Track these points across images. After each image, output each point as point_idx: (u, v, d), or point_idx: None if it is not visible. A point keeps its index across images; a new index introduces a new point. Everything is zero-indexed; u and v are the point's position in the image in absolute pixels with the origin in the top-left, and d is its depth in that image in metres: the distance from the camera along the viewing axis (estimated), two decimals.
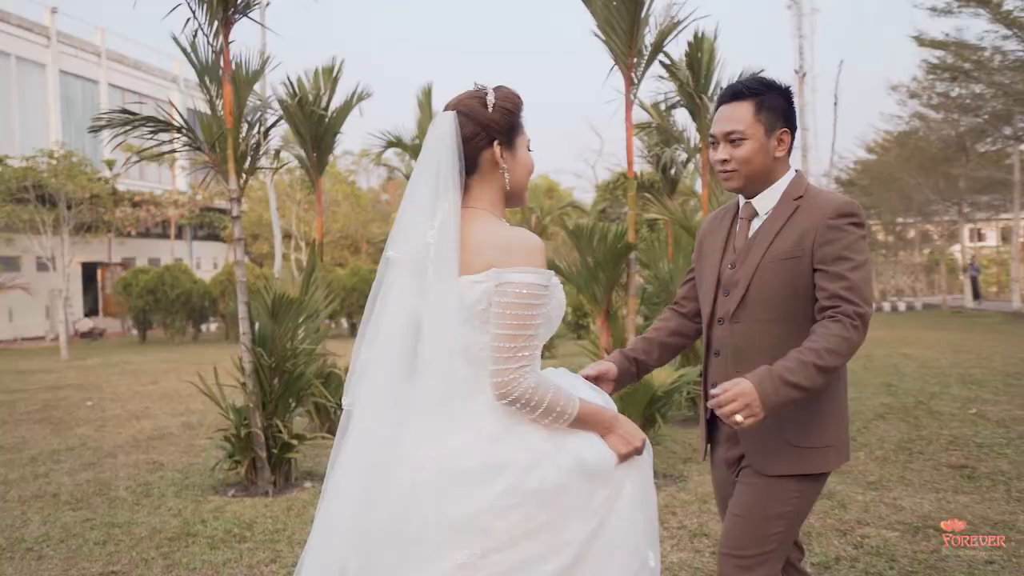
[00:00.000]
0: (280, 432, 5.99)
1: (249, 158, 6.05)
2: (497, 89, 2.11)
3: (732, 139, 2.42)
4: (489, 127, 2.06)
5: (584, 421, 2.04)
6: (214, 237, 31.10)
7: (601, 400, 2.21)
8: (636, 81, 5.86)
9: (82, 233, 21.82)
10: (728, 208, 2.62)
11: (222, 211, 30.11)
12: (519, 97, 2.15)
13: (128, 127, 5.78)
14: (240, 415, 6.06)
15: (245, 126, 6.07)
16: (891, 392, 9.68)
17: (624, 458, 2.07)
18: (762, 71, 7.82)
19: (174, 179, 31.64)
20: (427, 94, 9.43)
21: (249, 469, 6.03)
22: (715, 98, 7.63)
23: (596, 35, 5.76)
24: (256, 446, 5.93)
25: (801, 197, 2.42)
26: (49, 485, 6.36)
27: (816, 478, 2.43)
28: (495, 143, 2.07)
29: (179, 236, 31.32)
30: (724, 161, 2.43)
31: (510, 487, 1.93)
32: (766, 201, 2.47)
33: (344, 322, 24.53)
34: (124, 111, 5.74)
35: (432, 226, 2.01)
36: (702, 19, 6.10)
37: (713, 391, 2.16)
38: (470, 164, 2.06)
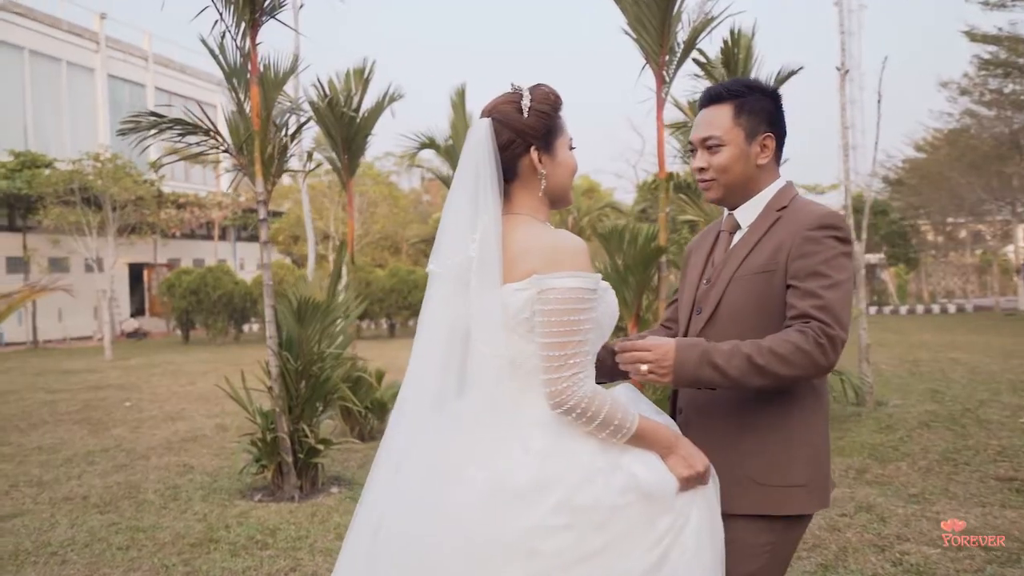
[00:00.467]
0: (306, 437, 5.94)
1: (276, 161, 6.01)
2: (534, 89, 2.03)
3: (709, 145, 2.22)
4: (525, 133, 2.00)
5: (643, 438, 1.93)
6: (257, 238, 31.47)
7: (662, 420, 2.09)
8: (668, 79, 5.70)
9: (127, 235, 22.16)
10: (718, 222, 2.43)
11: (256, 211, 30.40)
12: (557, 96, 2.06)
13: (156, 130, 5.77)
14: (267, 419, 6.02)
15: (273, 128, 6.03)
16: (937, 399, 9.36)
17: (686, 482, 1.94)
18: (800, 68, 7.56)
19: (218, 181, 32.05)
20: (460, 95, 9.34)
21: (275, 474, 5.99)
22: None
23: (627, 33, 5.62)
24: (282, 451, 5.89)
25: (784, 208, 2.20)
26: (81, 487, 6.39)
27: (789, 524, 2.11)
28: (532, 149, 2.01)
29: (223, 237, 31.70)
30: (702, 170, 2.24)
31: (559, 504, 1.83)
32: (748, 213, 2.26)
33: (384, 323, 24.62)
34: (153, 114, 5.73)
35: (473, 238, 1.95)
36: (738, 15, 5.90)
37: (628, 340, 2.04)
38: (509, 171, 2.01)
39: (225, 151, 5.99)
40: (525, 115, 2.00)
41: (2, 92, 25.55)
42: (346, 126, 7.67)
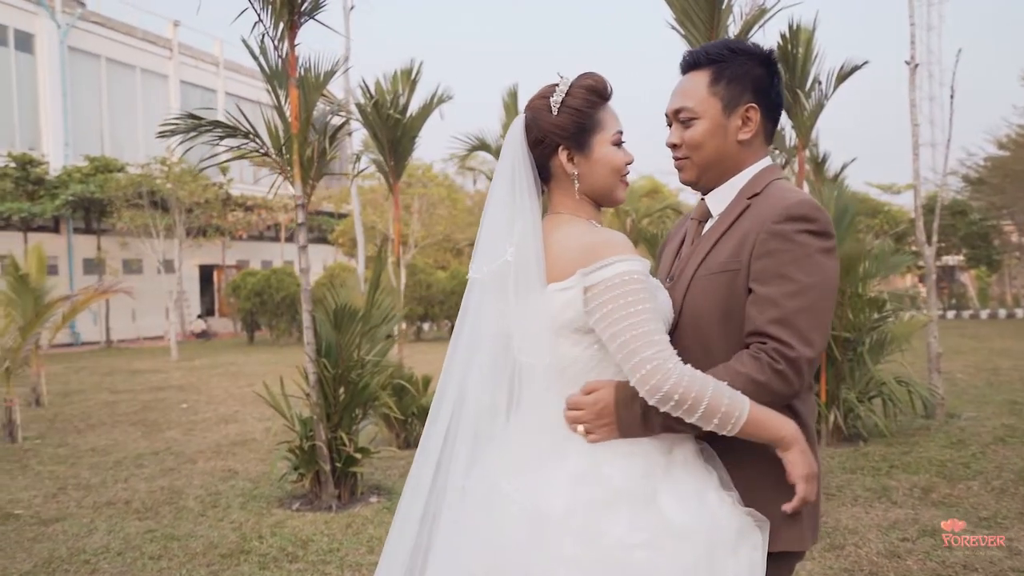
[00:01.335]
0: (344, 445, 5.82)
1: (316, 164, 5.91)
2: (575, 81, 1.88)
3: (682, 119, 1.92)
4: (552, 133, 1.86)
5: (757, 425, 1.69)
6: (322, 240, 31.84)
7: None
8: None
9: (195, 237, 22.61)
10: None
11: (329, 214, 30.80)
12: (598, 88, 1.87)
13: (195, 132, 5.73)
14: (306, 426, 5.93)
15: (313, 131, 5.94)
16: (1016, 411, 8.80)
17: (805, 482, 1.71)
18: (865, 63, 7.17)
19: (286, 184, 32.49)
20: (512, 96, 9.17)
21: (313, 482, 5.89)
22: (812, 94, 7.11)
23: (673, 28, 5.36)
24: (320, 459, 5.78)
25: (756, 195, 1.87)
26: (125, 491, 6.40)
27: (774, 563, 1.79)
28: (559, 149, 1.86)
29: (290, 239, 32.18)
30: (674, 146, 1.94)
31: (585, 538, 1.66)
32: (721, 199, 1.94)
33: (445, 325, 24.60)
34: (191, 116, 5.69)
35: (511, 242, 1.83)
36: (795, 7, 5.59)
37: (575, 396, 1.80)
38: (544, 170, 1.91)
39: (264, 154, 5.92)
40: (554, 113, 1.86)
41: (80, 99, 26.38)
42: (392, 128, 7.55)
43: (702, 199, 2.00)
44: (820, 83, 7.05)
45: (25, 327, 8.82)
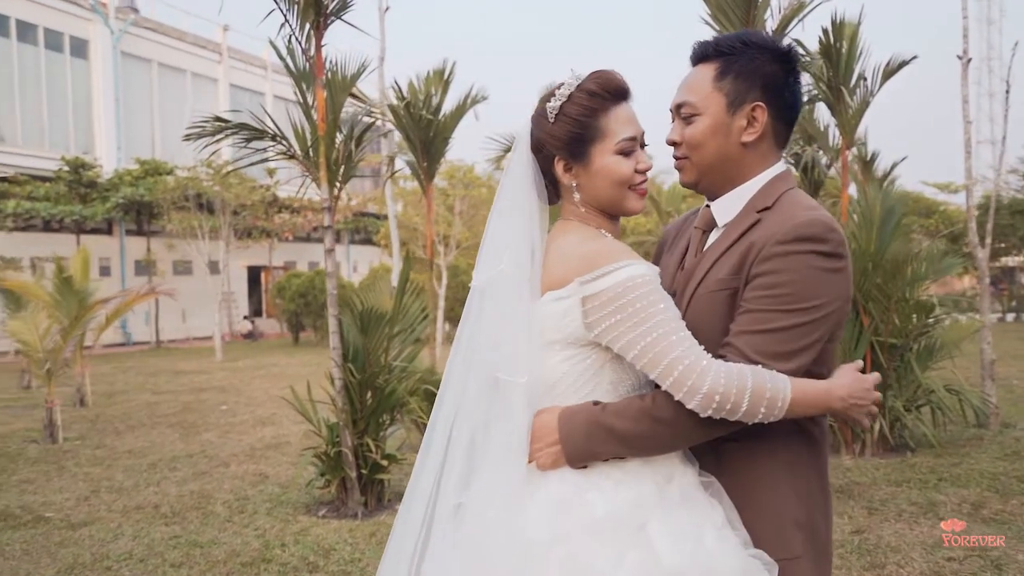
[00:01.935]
0: (370, 452, 5.73)
1: (343, 166, 5.84)
2: (582, 84, 1.72)
3: (683, 114, 1.76)
4: (547, 142, 1.74)
5: (802, 401, 1.57)
6: (368, 241, 32.05)
7: None
8: None
9: (242, 239, 22.85)
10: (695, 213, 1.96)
11: (375, 216, 30.92)
12: (605, 90, 1.71)
13: (223, 135, 5.69)
14: (332, 432, 5.85)
15: (340, 133, 5.86)
16: None
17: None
18: (914, 58, 6.87)
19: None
20: None
21: (339, 489, 5.81)
22: (857, 91, 6.84)
23: (707, 23, 5.16)
24: (345, 465, 5.70)
25: (767, 209, 1.70)
26: (156, 495, 6.40)
27: None
28: (555, 159, 1.76)
29: (337, 240, 32.44)
30: (674, 144, 1.78)
31: (568, 570, 1.55)
32: (727, 208, 1.76)
33: None
34: (218, 118, 5.65)
35: (508, 250, 1.72)
36: (837, 1, 5.38)
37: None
38: (547, 175, 1.80)
39: (292, 156, 5.86)
40: (550, 120, 1.73)
41: (132, 103, 26.86)
42: (424, 129, 7.46)
43: (706, 206, 1.84)
44: (865, 80, 6.78)
45: (66, 329, 8.90)
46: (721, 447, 1.63)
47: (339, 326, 5.69)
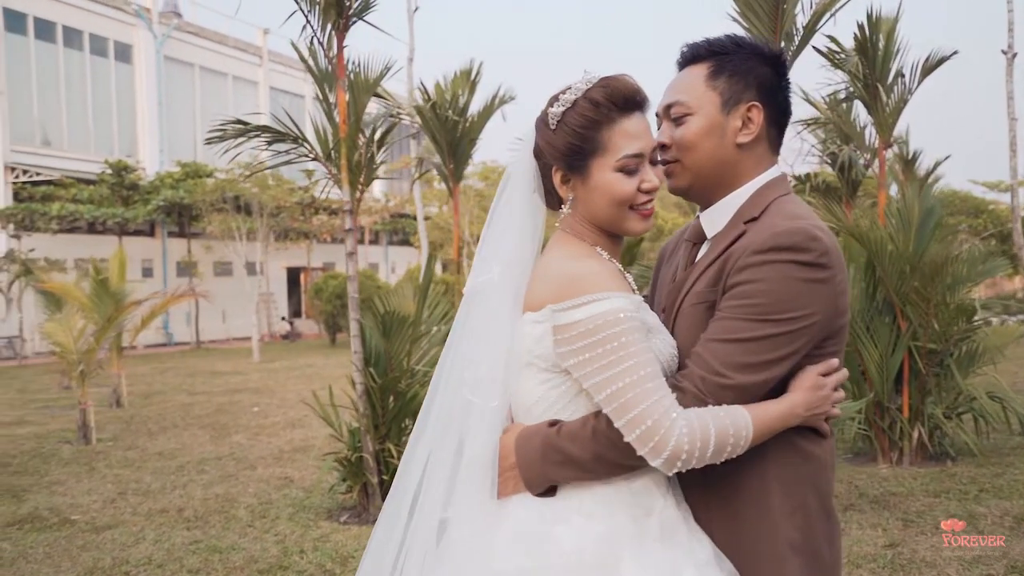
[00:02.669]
0: (392, 457, 5.67)
1: (365, 168, 5.78)
2: (588, 89, 1.58)
3: (673, 115, 1.67)
4: (545, 150, 1.63)
5: (767, 430, 1.50)
6: (406, 242, 32.19)
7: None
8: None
9: (280, 240, 23.06)
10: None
11: (412, 217, 31.02)
12: (611, 99, 1.57)
13: (244, 137, 5.67)
14: (354, 437, 5.80)
15: (363, 135, 5.81)
16: None
17: (821, 403, 1.56)
18: (955, 53, 6.64)
19: (370, 188, 32.96)
20: None
21: (361, 495, 5.76)
22: (895, 88, 6.62)
23: (734, 19, 5.01)
24: (367, 471, 5.64)
25: (755, 219, 1.60)
26: (181, 498, 6.40)
27: None
28: (553, 169, 1.64)
29: (375, 242, 32.56)
30: (663, 147, 1.67)
31: None
32: (716, 219, 1.67)
33: None
34: (239, 121, 5.63)
35: (499, 260, 1.63)
36: None
37: None
38: (546, 183, 1.69)
39: (314, 158, 5.82)
40: (551, 127, 1.61)
41: (175, 107, 27.26)
42: (450, 130, 7.38)
43: (697, 217, 1.74)
44: (903, 76, 6.56)
45: (99, 331, 8.99)
46: (706, 469, 1.52)
47: (360, 329, 5.63)
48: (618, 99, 1.58)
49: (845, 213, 7.17)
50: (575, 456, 1.49)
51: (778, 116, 1.69)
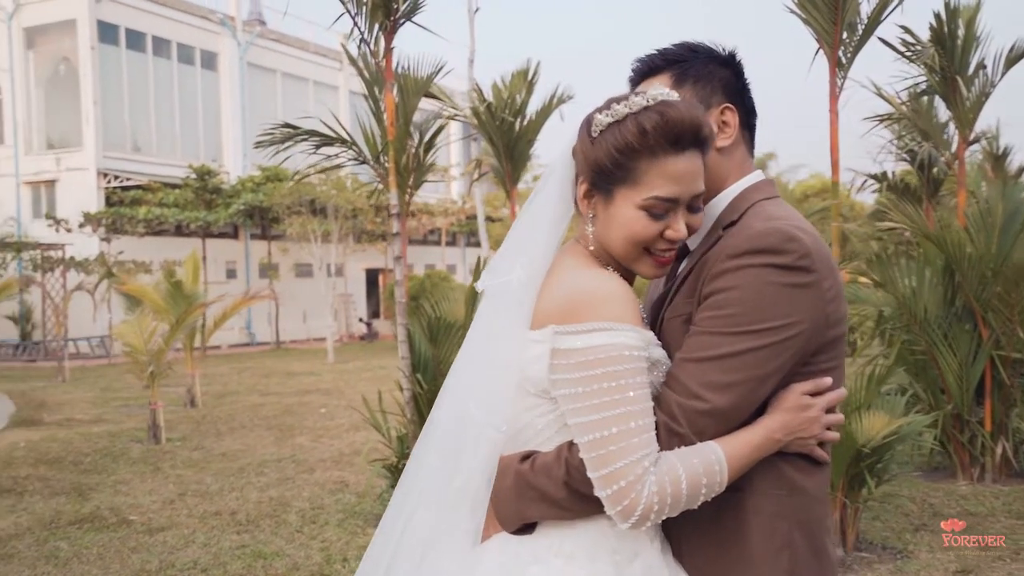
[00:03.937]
0: None
1: (414, 171, 5.71)
2: (641, 110, 1.40)
3: None
4: (577, 157, 1.49)
5: (745, 462, 1.37)
6: (479, 245, 32.28)
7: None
8: (844, 63, 4.75)
9: (358, 242, 23.37)
10: None
11: (490, 219, 31.05)
12: (659, 131, 1.39)
13: (292, 141, 5.66)
14: (402, 443, 5.73)
15: (410, 138, 5.75)
16: None
17: (809, 433, 1.42)
18: None
19: (449, 188, 33.14)
20: None
21: None
22: (975, 81, 6.22)
23: (792, 12, 4.74)
24: None
25: (733, 224, 1.48)
26: (236, 500, 6.44)
27: None
28: (580, 180, 1.50)
29: (452, 243, 32.74)
30: None
31: None
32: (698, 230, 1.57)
33: None
34: (287, 125, 5.63)
35: (520, 263, 1.49)
36: None
37: None
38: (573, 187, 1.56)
39: (363, 162, 5.78)
40: (592, 135, 1.45)
41: (257, 112, 27.89)
42: (506, 132, 7.24)
43: None
44: (985, 68, 6.15)
45: (169, 332, 9.18)
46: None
47: (407, 335, 5.56)
48: (669, 133, 1.39)
49: (922, 214, 6.77)
50: (550, 494, 1.39)
51: (747, 117, 1.61)
